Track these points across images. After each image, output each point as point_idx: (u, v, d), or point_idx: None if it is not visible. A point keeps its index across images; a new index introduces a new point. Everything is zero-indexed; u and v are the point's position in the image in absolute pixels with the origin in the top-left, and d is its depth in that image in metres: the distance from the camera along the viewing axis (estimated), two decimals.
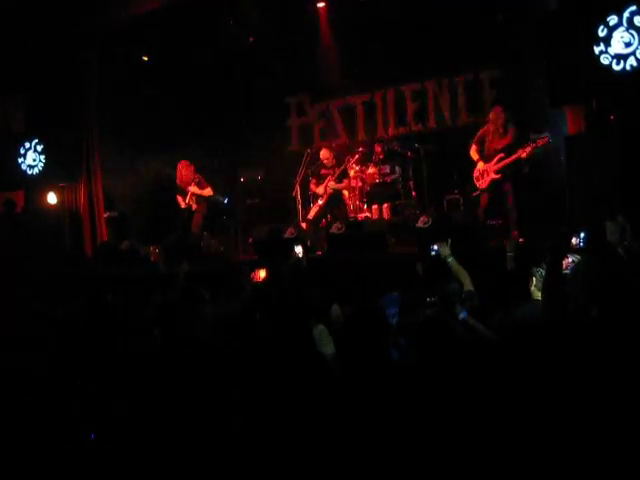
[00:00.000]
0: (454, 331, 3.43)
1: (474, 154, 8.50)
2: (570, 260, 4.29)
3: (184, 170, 10.16)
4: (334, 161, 10.05)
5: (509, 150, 8.08)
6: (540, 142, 7.83)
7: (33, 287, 8.06)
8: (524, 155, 7.92)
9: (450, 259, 4.65)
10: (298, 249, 6.52)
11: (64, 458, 3.28)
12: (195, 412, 3.27)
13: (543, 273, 3.83)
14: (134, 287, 7.49)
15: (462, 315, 3.78)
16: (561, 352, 2.89)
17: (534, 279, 3.90)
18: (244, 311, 4.56)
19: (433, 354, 3.21)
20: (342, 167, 10.03)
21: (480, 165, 8.36)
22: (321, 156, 10.11)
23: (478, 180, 8.45)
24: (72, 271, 9.58)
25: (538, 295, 3.89)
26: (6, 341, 4.71)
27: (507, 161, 8.07)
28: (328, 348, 4.07)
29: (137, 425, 3.36)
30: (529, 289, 4.04)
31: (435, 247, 4.79)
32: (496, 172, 8.17)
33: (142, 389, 3.57)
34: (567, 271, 4.25)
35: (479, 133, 8.55)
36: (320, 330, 4.15)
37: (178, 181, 10.23)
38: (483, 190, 8.39)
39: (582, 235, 4.58)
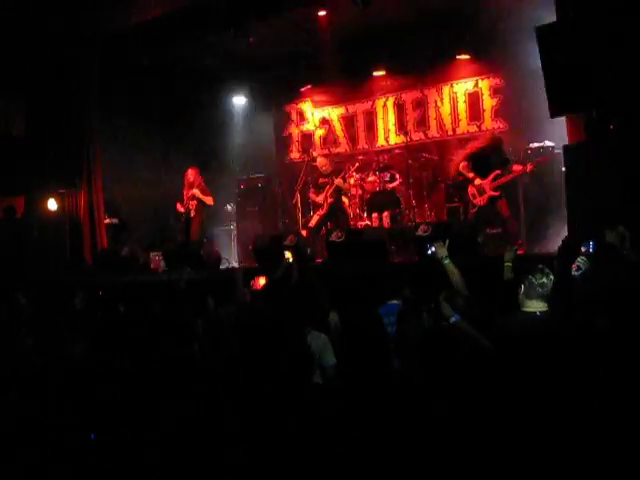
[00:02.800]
0: (455, 342, 3.44)
1: (467, 171, 8.52)
2: (577, 262, 4.30)
3: (192, 174, 10.31)
4: (331, 168, 10.06)
5: (504, 166, 8.13)
6: (540, 160, 7.86)
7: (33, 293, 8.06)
8: (528, 170, 7.94)
9: (446, 261, 4.63)
10: (287, 255, 6.50)
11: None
12: (193, 422, 3.27)
13: (534, 280, 3.82)
14: (135, 294, 7.50)
15: (454, 319, 3.77)
16: (556, 362, 2.90)
17: (522, 287, 3.88)
18: (241, 319, 4.57)
19: (435, 364, 3.21)
20: (343, 170, 10.05)
21: (477, 182, 8.38)
22: (318, 164, 10.13)
23: (475, 197, 8.45)
24: (72, 277, 9.59)
25: (526, 304, 3.88)
26: (6, 347, 4.72)
27: (505, 179, 8.11)
28: (329, 359, 4.06)
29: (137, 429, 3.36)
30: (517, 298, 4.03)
31: (432, 248, 4.76)
32: (494, 189, 8.20)
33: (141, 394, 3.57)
34: (575, 273, 4.26)
35: (470, 150, 8.60)
36: (323, 340, 4.14)
37: (185, 185, 10.32)
38: (481, 207, 8.41)
39: (591, 243, 4.59)
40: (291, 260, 6.42)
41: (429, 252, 4.72)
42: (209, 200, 10.27)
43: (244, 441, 3.05)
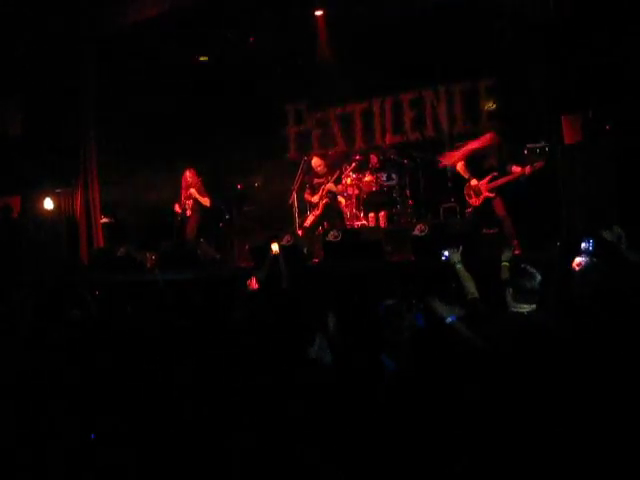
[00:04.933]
0: (448, 341, 3.44)
1: (463, 171, 8.46)
2: (581, 260, 4.32)
3: (190, 175, 10.33)
4: (326, 169, 10.03)
5: (501, 168, 8.09)
6: (537, 165, 7.83)
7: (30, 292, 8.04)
8: (527, 172, 7.88)
9: (459, 266, 4.71)
10: (275, 247, 6.47)
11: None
12: (193, 420, 3.27)
13: (524, 285, 3.85)
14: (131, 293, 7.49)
15: (450, 319, 3.78)
16: (566, 361, 2.90)
17: (511, 290, 3.94)
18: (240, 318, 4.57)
19: (427, 364, 3.22)
20: (337, 172, 10.04)
21: (473, 182, 8.33)
22: (313, 164, 10.10)
23: (471, 198, 8.40)
24: (68, 277, 9.58)
25: (514, 305, 3.91)
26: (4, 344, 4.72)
27: (502, 181, 8.06)
28: (327, 359, 4.05)
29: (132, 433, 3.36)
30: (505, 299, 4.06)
31: (446, 253, 4.85)
32: (489, 190, 8.15)
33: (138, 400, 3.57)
34: (577, 271, 4.28)
35: (468, 151, 8.56)
36: (319, 339, 4.13)
37: (183, 186, 10.33)
38: (476, 207, 8.37)
39: (591, 241, 4.62)
40: (277, 252, 6.39)
41: (443, 257, 4.83)
42: (205, 201, 10.27)
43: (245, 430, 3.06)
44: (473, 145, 8.55)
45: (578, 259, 4.42)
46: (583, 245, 4.58)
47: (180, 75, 11.59)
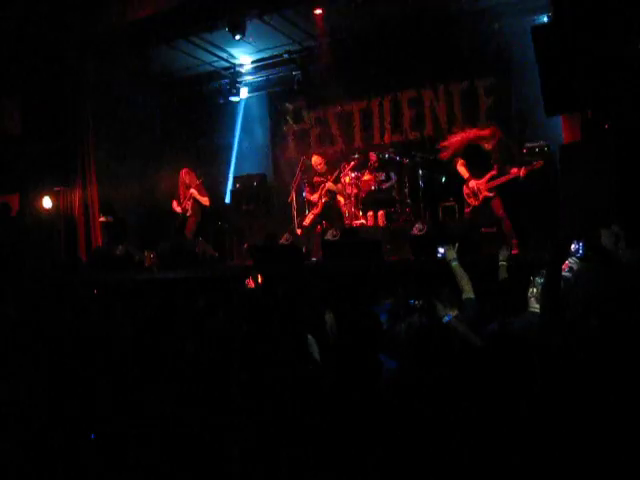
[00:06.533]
0: (447, 340, 3.44)
1: (463, 171, 8.42)
2: (568, 262, 4.30)
3: (187, 175, 10.34)
4: (326, 168, 10.04)
5: (501, 167, 8.06)
6: (537, 165, 7.81)
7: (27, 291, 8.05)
8: (521, 174, 7.87)
9: (454, 263, 4.68)
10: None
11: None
12: (188, 422, 3.27)
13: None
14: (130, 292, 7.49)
15: (447, 318, 3.78)
16: (556, 365, 2.89)
17: (534, 289, 3.90)
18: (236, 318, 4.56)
19: (426, 362, 3.21)
20: (337, 171, 10.03)
21: (472, 183, 8.29)
22: (313, 163, 10.10)
23: (470, 197, 8.35)
24: (66, 276, 9.58)
25: (534, 305, 3.90)
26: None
27: (501, 180, 8.04)
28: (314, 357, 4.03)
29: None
30: (526, 298, 4.03)
31: (441, 250, 4.82)
32: (489, 190, 8.12)
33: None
34: (565, 273, 4.27)
35: (466, 138, 8.49)
36: (309, 342, 4.12)
37: (181, 185, 10.33)
38: (475, 207, 8.34)
39: (581, 243, 4.59)
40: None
41: (439, 255, 4.79)
42: (205, 201, 10.33)
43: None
44: (471, 133, 8.48)
45: (569, 261, 4.40)
46: (573, 247, 4.56)
47: (179, 73, 11.59)
